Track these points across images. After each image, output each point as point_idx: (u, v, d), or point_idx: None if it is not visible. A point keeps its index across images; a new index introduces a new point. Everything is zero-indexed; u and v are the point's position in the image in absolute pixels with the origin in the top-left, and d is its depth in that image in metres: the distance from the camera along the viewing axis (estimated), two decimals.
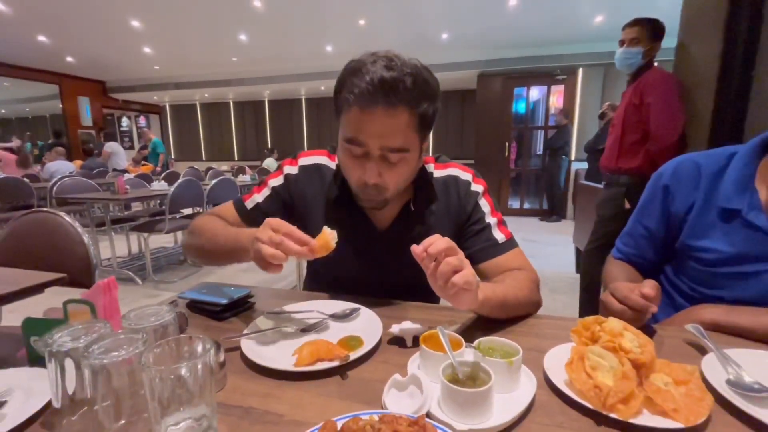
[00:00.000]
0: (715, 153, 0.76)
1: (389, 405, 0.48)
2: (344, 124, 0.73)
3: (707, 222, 0.74)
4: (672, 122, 1.77)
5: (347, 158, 0.76)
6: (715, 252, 0.72)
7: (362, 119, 0.69)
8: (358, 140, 0.71)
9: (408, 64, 0.70)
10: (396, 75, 0.68)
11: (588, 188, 2.98)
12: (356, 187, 0.78)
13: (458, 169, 0.92)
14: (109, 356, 0.42)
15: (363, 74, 0.68)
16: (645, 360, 0.51)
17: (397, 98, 0.68)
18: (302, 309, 0.78)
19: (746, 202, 0.69)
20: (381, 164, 0.73)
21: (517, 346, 0.54)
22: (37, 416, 0.49)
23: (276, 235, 0.62)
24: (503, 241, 0.85)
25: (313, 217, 0.90)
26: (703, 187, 0.74)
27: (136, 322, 0.51)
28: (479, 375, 0.49)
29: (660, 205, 0.80)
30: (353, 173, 0.76)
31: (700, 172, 0.75)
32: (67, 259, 1.30)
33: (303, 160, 0.92)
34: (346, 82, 0.72)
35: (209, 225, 0.85)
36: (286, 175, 0.91)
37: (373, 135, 0.70)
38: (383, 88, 0.67)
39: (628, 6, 4.56)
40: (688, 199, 0.76)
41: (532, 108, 7.04)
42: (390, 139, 0.71)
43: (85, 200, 3.34)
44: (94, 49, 6.58)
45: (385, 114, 0.68)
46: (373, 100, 0.68)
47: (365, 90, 0.67)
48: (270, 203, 0.91)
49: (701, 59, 1.72)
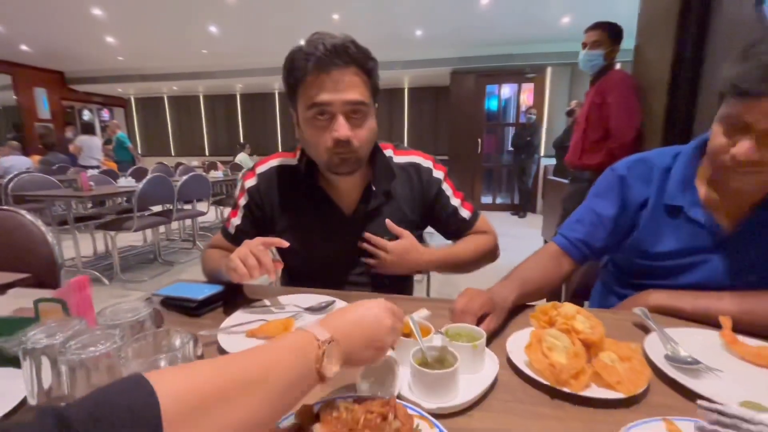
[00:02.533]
0: (663, 152, 0.83)
1: (364, 389, 0.52)
2: (304, 94, 0.79)
3: (656, 219, 0.80)
4: (630, 121, 1.89)
5: (314, 128, 0.81)
6: (663, 246, 0.78)
7: (323, 80, 0.77)
8: (322, 102, 0.77)
9: (346, 36, 0.79)
10: (342, 41, 0.77)
11: (555, 183, 3.12)
12: (327, 151, 0.82)
13: (419, 157, 1.00)
14: (86, 351, 0.43)
15: (313, 46, 0.76)
16: (594, 339, 0.56)
17: (349, 58, 0.77)
18: (277, 303, 0.80)
19: (688, 200, 0.76)
20: (347, 123, 0.80)
21: (481, 331, 0.58)
22: (9, 415, 0.49)
23: (247, 253, 0.74)
24: (469, 217, 1.00)
25: (284, 214, 0.96)
26: (655, 183, 0.80)
27: (111, 318, 0.52)
28: (446, 358, 0.53)
29: (617, 193, 0.84)
30: (322, 139, 0.81)
31: (652, 169, 0.82)
32: (30, 259, 1.26)
33: (259, 168, 0.99)
34: (296, 58, 0.78)
35: (207, 256, 0.99)
36: (248, 189, 0.98)
37: (334, 91, 0.77)
38: (336, 50, 0.76)
39: (593, 8, 4.76)
40: (642, 194, 0.82)
41: (504, 105, 7.22)
42: (350, 93, 0.78)
43: (45, 198, 3.18)
44: (51, 37, 6.20)
45: (340, 73, 0.77)
46: (330, 61, 0.75)
47: (321, 54, 0.75)
48: (246, 222, 0.98)
49: (655, 63, 1.84)
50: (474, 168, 6.84)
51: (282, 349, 0.39)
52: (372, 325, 0.46)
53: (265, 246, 0.76)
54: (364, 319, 0.46)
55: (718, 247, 0.74)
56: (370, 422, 0.41)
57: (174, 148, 10.39)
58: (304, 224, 0.94)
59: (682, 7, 1.69)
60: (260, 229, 0.96)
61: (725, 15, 1.58)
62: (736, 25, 1.51)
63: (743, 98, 0.61)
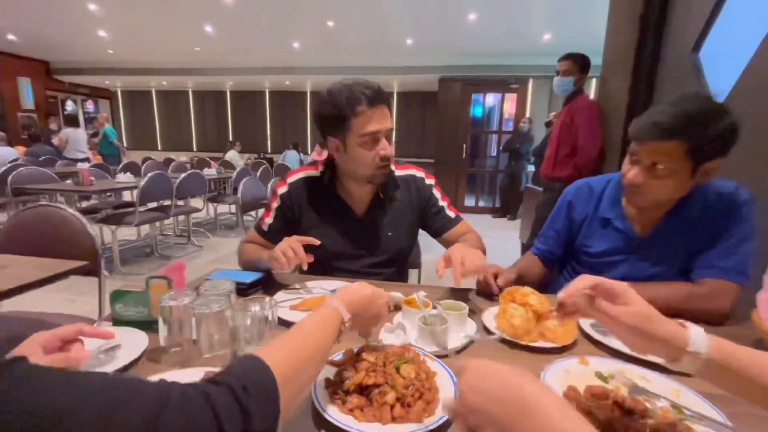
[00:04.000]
0: (600, 178, 1.11)
1: (384, 341, 0.76)
2: (358, 124, 1.03)
3: (593, 228, 1.07)
4: (594, 141, 2.19)
5: (364, 149, 1.06)
6: (596, 248, 1.06)
7: (373, 114, 1.03)
8: (375, 130, 1.04)
9: (374, 82, 1.06)
10: (378, 86, 1.06)
11: (532, 191, 3.42)
12: (374, 165, 1.08)
13: (414, 170, 1.27)
14: (210, 308, 0.66)
15: (361, 91, 1.02)
16: (542, 311, 0.81)
17: (383, 100, 1.05)
18: (310, 286, 1.03)
19: (615, 213, 1.03)
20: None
21: (464, 305, 0.83)
22: (142, 354, 0.70)
23: (287, 248, 0.96)
24: (454, 217, 1.24)
25: (309, 216, 1.20)
26: (593, 202, 1.08)
27: (211, 290, 0.74)
28: (441, 321, 0.78)
29: (565, 214, 1.14)
30: (371, 155, 1.06)
31: (592, 192, 1.09)
32: (73, 250, 1.43)
33: (290, 179, 1.22)
34: (348, 100, 1.02)
35: (244, 249, 1.20)
36: (281, 195, 1.20)
37: (380, 122, 1.05)
38: (378, 94, 1.04)
39: (572, 27, 5.12)
40: (584, 212, 1.10)
41: (488, 113, 7.56)
42: (388, 123, 1.07)
43: (47, 191, 3.27)
44: (40, 28, 6.18)
45: (381, 109, 1.05)
46: (377, 101, 1.03)
47: (371, 96, 1.02)
48: (278, 221, 1.21)
49: (616, 92, 2.14)
50: (458, 172, 7.15)
51: (325, 324, 0.56)
52: (375, 302, 0.67)
53: (300, 243, 0.98)
54: (369, 298, 0.66)
55: (634, 250, 1.01)
56: (396, 353, 0.65)
57: (161, 142, 10.34)
58: (324, 223, 1.18)
59: (637, 46, 2.00)
60: (289, 227, 1.19)
61: (669, 56, 1.89)
62: (677, 67, 1.82)
63: (636, 140, 0.89)
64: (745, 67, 1.46)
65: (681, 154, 0.84)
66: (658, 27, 1.89)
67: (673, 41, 1.86)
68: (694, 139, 0.82)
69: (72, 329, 0.57)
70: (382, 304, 0.69)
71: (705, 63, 1.71)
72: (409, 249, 1.28)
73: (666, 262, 0.98)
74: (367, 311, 0.65)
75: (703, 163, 0.85)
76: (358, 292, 0.65)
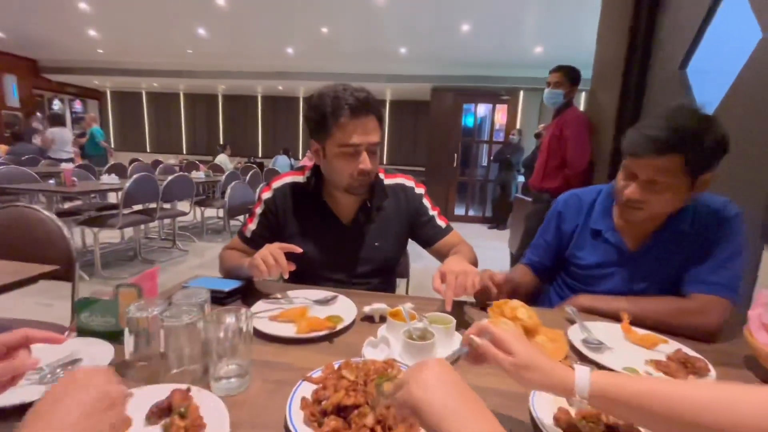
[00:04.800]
0: (590, 189, 1.09)
1: (367, 355, 0.72)
2: (338, 134, 0.99)
3: (583, 239, 1.06)
4: (583, 153, 2.20)
5: (342, 160, 1.02)
6: (586, 260, 1.04)
7: (355, 125, 0.99)
8: (354, 143, 0.99)
9: (364, 89, 1.02)
10: (367, 95, 1.00)
11: (521, 201, 3.43)
12: (351, 178, 1.03)
13: (403, 178, 1.23)
14: (180, 320, 0.61)
15: (346, 98, 0.97)
16: (531, 325, 0.79)
17: (371, 109, 1.00)
18: (291, 296, 0.99)
19: (605, 225, 1.02)
20: (368, 157, 1.03)
21: (452, 318, 0.80)
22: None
23: (268, 255, 0.90)
24: (444, 227, 1.21)
25: (293, 223, 1.16)
26: (583, 213, 1.07)
27: (183, 300, 0.70)
28: (427, 335, 0.75)
29: (555, 225, 1.12)
30: (348, 168, 1.02)
31: (581, 203, 1.08)
32: (48, 253, 1.37)
33: (275, 184, 1.18)
34: (331, 106, 0.99)
35: (226, 256, 1.16)
36: (265, 200, 1.16)
37: (363, 135, 1.00)
38: (365, 104, 0.99)
39: (563, 40, 5.21)
40: (574, 222, 1.08)
41: (479, 123, 7.63)
42: (372, 136, 1.02)
43: (27, 192, 3.17)
44: (29, 25, 6.07)
45: (367, 120, 1.00)
46: (362, 111, 0.98)
47: (355, 106, 0.97)
48: (261, 227, 1.17)
49: (605, 106, 2.16)
50: (449, 181, 7.17)
51: None
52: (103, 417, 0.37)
53: (282, 250, 0.94)
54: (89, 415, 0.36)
55: (624, 263, 0.99)
56: (378, 370, 0.61)
57: (150, 144, 10.20)
58: (309, 231, 1.14)
59: (626, 59, 2.02)
60: (273, 234, 1.15)
61: (657, 71, 1.91)
62: (665, 81, 1.84)
63: (632, 156, 0.87)
64: (731, 84, 1.47)
65: (680, 167, 0.83)
66: (647, 40, 1.92)
67: (661, 55, 1.89)
68: (692, 152, 0.81)
69: (17, 335, 0.52)
70: (116, 413, 0.39)
71: (692, 79, 1.73)
72: (396, 259, 1.25)
73: (656, 276, 0.97)
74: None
75: (699, 176, 0.84)
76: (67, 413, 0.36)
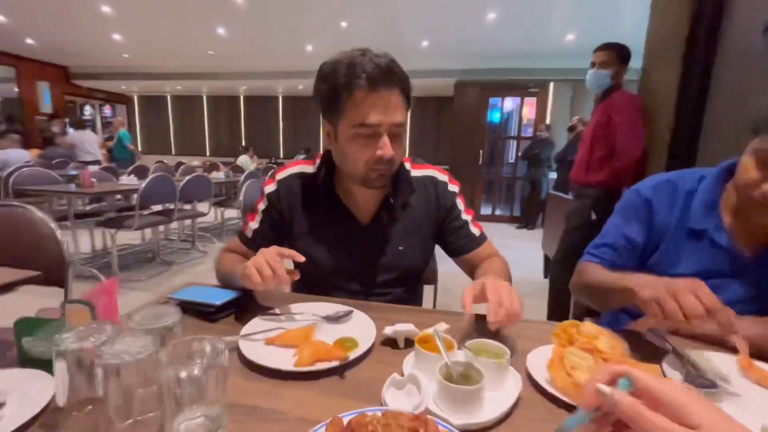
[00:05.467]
0: (687, 174, 0.84)
1: (389, 402, 0.52)
2: (353, 111, 0.79)
3: (677, 242, 0.81)
4: (635, 141, 1.92)
5: (357, 144, 0.82)
6: (684, 268, 0.79)
7: (374, 100, 0.78)
8: (372, 123, 0.79)
9: (388, 55, 0.80)
10: (390, 62, 0.79)
11: (557, 198, 3.14)
12: (367, 167, 0.83)
13: (435, 171, 1.02)
14: (123, 357, 0.43)
15: (363, 64, 0.77)
16: (616, 360, 0.57)
17: (394, 80, 0.79)
18: (295, 311, 0.80)
19: (712, 223, 0.77)
20: (390, 141, 0.82)
21: (504, 348, 0.59)
22: (36, 417, 0.48)
23: (263, 263, 0.73)
24: (479, 235, 0.99)
25: (301, 221, 0.96)
26: (679, 207, 0.81)
27: (141, 323, 0.52)
28: (471, 374, 0.54)
29: (644, 218, 0.85)
30: (364, 154, 0.82)
31: (676, 192, 0.83)
32: (39, 256, 1.25)
33: (279, 175, 0.99)
34: (345, 75, 0.78)
35: (222, 260, 0.97)
36: (268, 195, 0.98)
37: (383, 113, 0.79)
38: (387, 73, 0.77)
39: (598, 26, 4.84)
40: (667, 218, 0.83)
41: (506, 118, 7.29)
42: (396, 115, 0.80)
43: (46, 193, 3.16)
44: (57, 32, 6.21)
45: (388, 94, 0.79)
46: (383, 82, 0.77)
47: (375, 75, 0.76)
48: (264, 226, 0.98)
49: (662, 86, 1.87)
50: (475, 179, 6.88)
51: None
52: None
53: (280, 257, 0.76)
54: None
55: (739, 272, 0.75)
56: (406, 428, 0.41)
57: (175, 147, 10.39)
58: (319, 231, 0.95)
59: (690, 32, 1.73)
60: (278, 233, 0.97)
61: (733, 40, 1.61)
62: (744, 54, 1.55)
63: None
64: None
65: None
66: (716, 3, 1.63)
67: (736, 21, 1.59)
68: None
69: None
70: None
71: None
72: (424, 266, 1.03)
73: None
74: None
75: None
76: None
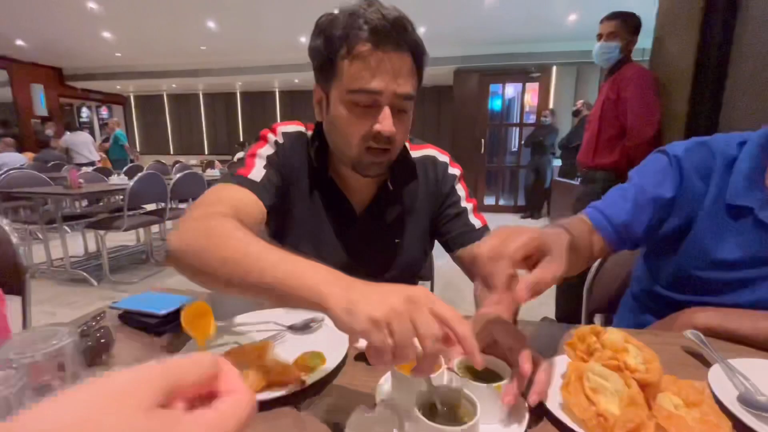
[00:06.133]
0: (727, 138, 0.69)
1: None
2: (350, 71, 0.64)
3: (718, 220, 0.66)
4: (649, 117, 1.76)
5: (351, 114, 0.65)
6: (721, 253, 0.65)
7: (377, 61, 0.62)
8: (372, 89, 0.63)
9: (397, 8, 0.64)
10: (399, 16, 0.63)
11: (563, 185, 2.99)
12: (361, 143, 0.67)
13: (435, 150, 0.88)
14: None
15: (367, 14, 0.61)
16: (653, 380, 0.43)
17: (405, 39, 0.63)
18: (256, 320, 0.68)
19: (758, 199, 0.63)
20: (393, 115, 0.65)
21: (504, 366, 0.46)
22: None
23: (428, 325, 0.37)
24: (480, 227, 0.82)
25: (295, 193, 0.79)
26: (716, 175, 0.66)
27: (21, 350, 0.39)
28: (462, 404, 0.41)
29: (673, 176, 0.68)
30: (358, 127, 0.66)
31: (713, 156, 0.67)
32: None
33: (283, 128, 0.79)
34: (343, 26, 0.62)
35: (214, 230, 0.53)
36: (276, 142, 0.76)
37: (389, 79, 0.63)
38: (395, 27, 0.61)
39: (601, 5, 4.63)
40: (701, 187, 0.67)
41: (508, 105, 7.09)
42: (404, 85, 0.65)
43: (33, 195, 3.06)
44: (46, 32, 6.09)
45: (398, 57, 0.63)
46: (387, 38, 0.61)
47: (379, 26, 0.60)
48: (274, 176, 0.74)
49: (677, 55, 1.71)
50: (477, 169, 6.70)
51: None
52: None
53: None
54: None
55: None
56: None
57: (173, 146, 10.30)
58: (311, 218, 0.79)
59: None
60: (281, 197, 0.75)
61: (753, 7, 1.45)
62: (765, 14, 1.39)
63: None
64: None
65: None
66: None
67: None
68: None
69: None
70: None
71: None
72: (422, 262, 0.89)
73: None
74: None
75: None
76: None
